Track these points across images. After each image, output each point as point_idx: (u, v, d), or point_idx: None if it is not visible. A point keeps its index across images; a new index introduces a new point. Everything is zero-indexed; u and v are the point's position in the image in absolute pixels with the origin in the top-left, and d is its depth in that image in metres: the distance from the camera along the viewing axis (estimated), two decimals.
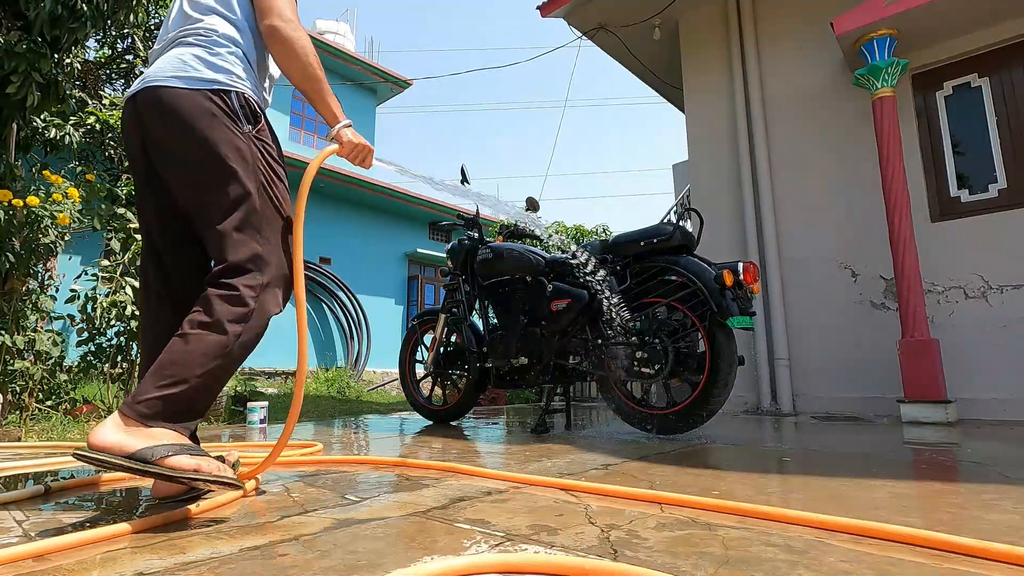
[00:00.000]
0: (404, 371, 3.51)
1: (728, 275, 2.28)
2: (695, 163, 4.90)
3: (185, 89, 1.31)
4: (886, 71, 3.50)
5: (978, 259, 3.50)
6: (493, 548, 0.96)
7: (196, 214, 1.35)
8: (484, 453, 2.13)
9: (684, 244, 2.50)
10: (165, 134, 1.33)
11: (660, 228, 2.54)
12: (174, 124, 1.30)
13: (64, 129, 4.27)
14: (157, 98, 1.31)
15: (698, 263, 2.40)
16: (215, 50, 1.38)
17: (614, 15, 5.14)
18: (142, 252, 1.48)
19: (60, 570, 0.87)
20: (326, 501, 1.33)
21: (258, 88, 1.47)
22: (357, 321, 10.14)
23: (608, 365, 2.60)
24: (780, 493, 1.40)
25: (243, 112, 1.37)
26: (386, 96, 13.46)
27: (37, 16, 2.86)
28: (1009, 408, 3.26)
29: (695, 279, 2.35)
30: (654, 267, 2.52)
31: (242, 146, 1.33)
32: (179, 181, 1.35)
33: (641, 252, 2.55)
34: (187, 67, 1.33)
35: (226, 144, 1.31)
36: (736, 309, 2.26)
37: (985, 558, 0.89)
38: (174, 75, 1.32)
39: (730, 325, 2.26)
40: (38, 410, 3.11)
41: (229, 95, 1.35)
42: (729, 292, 2.28)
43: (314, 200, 10.04)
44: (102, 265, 3.52)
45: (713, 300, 2.27)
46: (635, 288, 2.55)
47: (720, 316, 2.26)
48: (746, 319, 2.26)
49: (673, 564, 0.88)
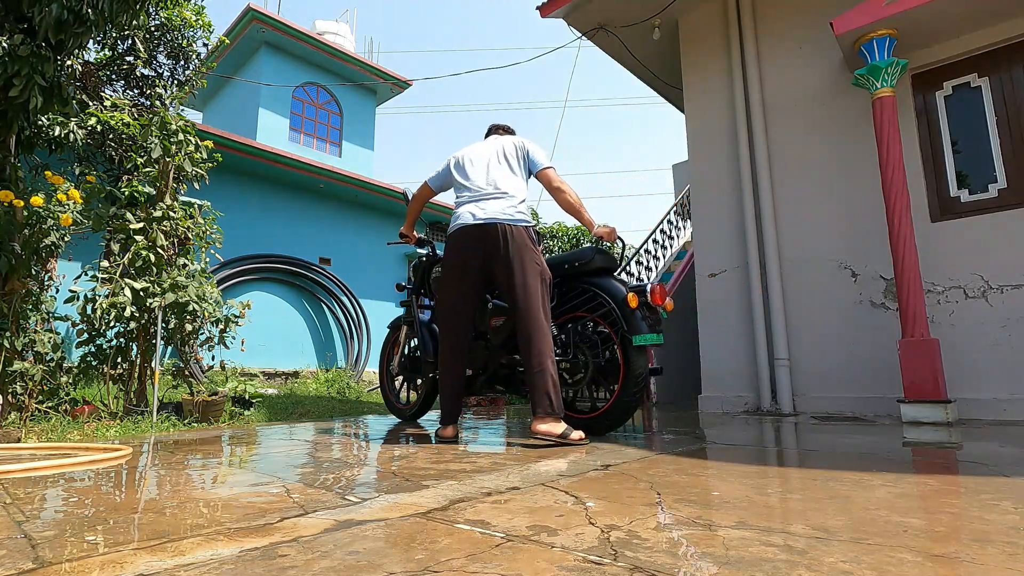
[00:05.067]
0: (382, 372, 3.84)
1: (633, 297, 2.49)
2: (695, 163, 4.90)
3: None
4: (886, 71, 3.50)
5: (978, 259, 3.50)
6: (493, 548, 0.96)
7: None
8: (485, 454, 2.13)
9: (605, 267, 2.71)
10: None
11: (582, 252, 2.74)
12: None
13: (68, 127, 4.27)
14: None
15: (614, 284, 2.61)
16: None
17: (614, 15, 5.14)
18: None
19: (61, 570, 0.87)
20: (326, 502, 1.33)
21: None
22: (357, 322, 10.12)
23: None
24: (780, 493, 1.40)
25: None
26: (386, 96, 13.45)
27: (42, 20, 2.85)
28: (1009, 408, 3.26)
29: (609, 300, 2.58)
30: (577, 287, 2.73)
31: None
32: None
33: (566, 274, 2.76)
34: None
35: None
36: (644, 328, 2.48)
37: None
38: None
39: (635, 342, 2.47)
40: (38, 411, 3.11)
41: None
42: (638, 312, 2.50)
43: (314, 200, 10.04)
44: (102, 266, 3.52)
45: (624, 319, 2.51)
46: (561, 306, 2.76)
47: (629, 334, 2.49)
48: (651, 336, 2.47)
49: (673, 564, 0.88)
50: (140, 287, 3.46)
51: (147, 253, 3.60)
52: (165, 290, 3.53)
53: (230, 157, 8.21)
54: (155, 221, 3.76)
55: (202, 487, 1.55)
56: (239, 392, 3.98)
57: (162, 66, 6.59)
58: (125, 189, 3.86)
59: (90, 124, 4.95)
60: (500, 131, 3.01)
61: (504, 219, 2.48)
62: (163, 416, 3.35)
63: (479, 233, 2.50)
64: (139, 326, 3.55)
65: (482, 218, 2.50)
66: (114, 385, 3.59)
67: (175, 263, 3.86)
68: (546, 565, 0.88)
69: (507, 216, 2.49)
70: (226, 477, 1.72)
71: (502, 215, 2.49)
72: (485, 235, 2.49)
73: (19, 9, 2.97)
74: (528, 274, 2.42)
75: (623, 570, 0.85)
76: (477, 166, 2.70)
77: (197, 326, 3.78)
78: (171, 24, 6.32)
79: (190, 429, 3.16)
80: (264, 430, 3.09)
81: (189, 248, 4.00)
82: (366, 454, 2.20)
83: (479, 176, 2.66)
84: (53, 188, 3.26)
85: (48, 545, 1.01)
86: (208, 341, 3.90)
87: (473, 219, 2.52)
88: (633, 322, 2.49)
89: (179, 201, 4.00)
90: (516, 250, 2.44)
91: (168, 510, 1.27)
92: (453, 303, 2.61)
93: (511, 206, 2.52)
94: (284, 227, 9.57)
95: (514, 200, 2.54)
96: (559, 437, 2.25)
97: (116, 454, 2.11)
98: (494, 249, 2.47)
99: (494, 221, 2.48)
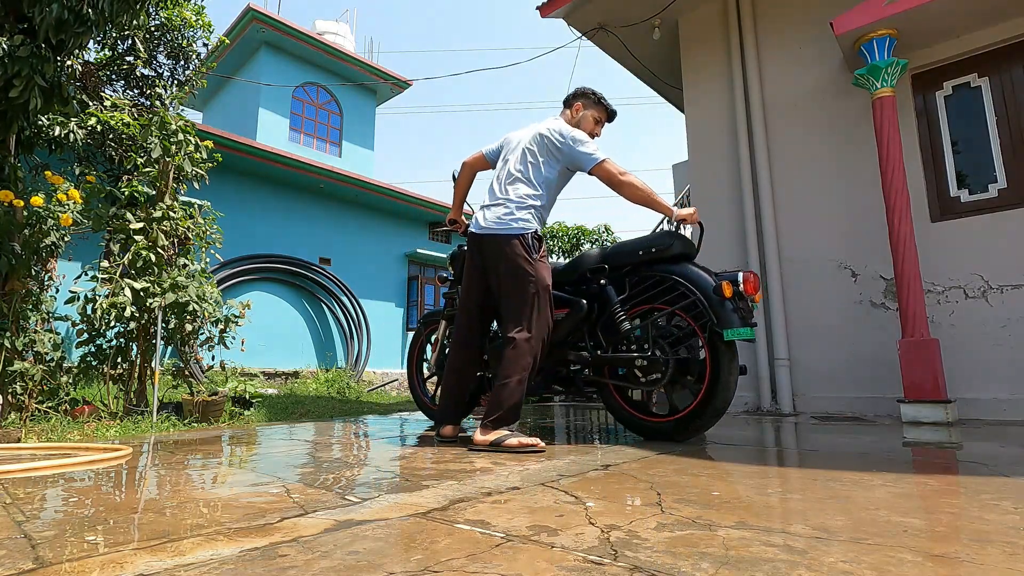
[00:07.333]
0: (411, 371, 3.61)
1: (727, 286, 2.24)
2: (695, 163, 4.90)
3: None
4: (886, 71, 3.50)
5: (978, 259, 3.50)
6: (493, 548, 0.96)
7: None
8: (485, 454, 2.13)
9: (684, 253, 2.47)
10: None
11: (659, 238, 2.52)
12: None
13: (68, 127, 4.27)
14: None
15: (698, 272, 2.37)
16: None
17: (614, 15, 5.14)
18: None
19: (61, 570, 0.87)
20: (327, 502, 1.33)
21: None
22: (357, 322, 10.13)
23: (608, 373, 2.60)
24: (780, 493, 1.40)
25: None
26: (386, 96, 13.46)
27: (43, 21, 2.85)
28: (1009, 408, 3.26)
29: (694, 290, 2.32)
30: (653, 276, 2.48)
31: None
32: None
33: (639, 262, 2.53)
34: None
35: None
36: (737, 320, 2.21)
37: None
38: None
39: (727, 337, 2.21)
40: (37, 411, 3.11)
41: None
42: (729, 303, 2.24)
43: (314, 200, 10.04)
44: (102, 266, 3.52)
45: (713, 311, 2.24)
46: (635, 297, 2.52)
47: (719, 327, 2.22)
48: (746, 330, 2.20)
49: (673, 564, 0.88)
50: (140, 287, 3.46)
51: (147, 253, 3.60)
52: (165, 290, 3.53)
53: (230, 157, 8.22)
54: (155, 221, 3.76)
55: (202, 487, 1.55)
56: (239, 392, 3.98)
57: (162, 66, 6.59)
58: (125, 189, 3.86)
59: (90, 124, 4.95)
60: (568, 101, 2.72)
61: (496, 230, 2.39)
62: (163, 416, 3.35)
63: (477, 242, 2.46)
64: (139, 326, 3.55)
65: (478, 228, 2.45)
66: (114, 385, 3.59)
67: (175, 263, 3.86)
68: (546, 565, 0.88)
69: (499, 227, 2.39)
70: (226, 477, 1.72)
71: (495, 225, 2.40)
72: (480, 245, 2.44)
73: (19, 9, 2.97)
74: (516, 287, 2.33)
75: (623, 570, 0.85)
76: (506, 158, 2.56)
77: (197, 326, 3.78)
78: (171, 24, 6.32)
79: (190, 429, 3.16)
80: (264, 430, 3.09)
81: (189, 248, 4.00)
82: (366, 454, 2.20)
83: (500, 171, 2.55)
84: (53, 188, 3.26)
85: (48, 545, 1.01)
86: (208, 341, 3.90)
87: (475, 226, 2.48)
88: (724, 314, 2.22)
89: (179, 201, 4.00)
90: (506, 262, 2.35)
91: (168, 510, 1.27)
92: (463, 300, 2.57)
93: (507, 213, 2.40)
94: (284, 227, 9.57)
95: (512, 207, 2.40)
96: (490, 445, 2.17)
97: (116, 454, 2.11)
98: (486, 260, 2.43)
99: (485, 232, 2.42)
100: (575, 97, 2.70)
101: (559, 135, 2.48)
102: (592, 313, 2.58)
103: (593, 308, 2.58)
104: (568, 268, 2.73)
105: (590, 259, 2.67)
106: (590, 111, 2.67)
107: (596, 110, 2.68)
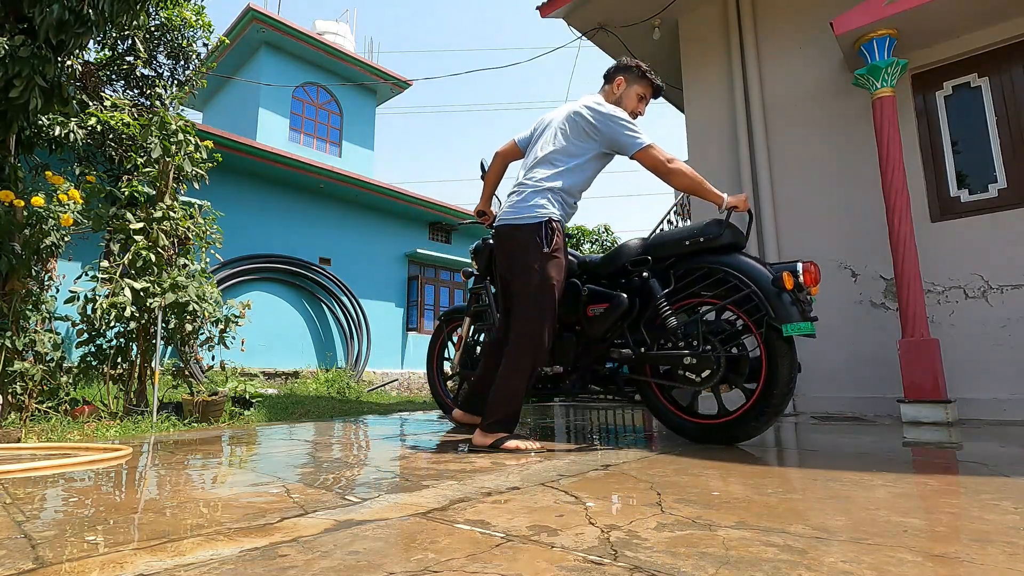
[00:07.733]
0: (431, 369, 3.50)
1: (788, 278, 2.07)
2: (695, 163, 4.89)
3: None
4: (886, 71, 3.50)
5: (978, 259, 3.50)
6: (493, 548, 0.96)
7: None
8: (485, 454, 2.13)
9: (733, 243, 2.29)
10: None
11: (707, 227, 2.31)
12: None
13: (68, 127, 4.27)
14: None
15: (751, 263, 2.20)
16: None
17: (614, 15, 5.14)
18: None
19: (61, 570, 0.88)
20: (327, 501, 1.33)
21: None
22: (357, 322, 10.13)
23: (651, 372, 2.47)
24: (780, 493, 1.40)
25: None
26: (386, 96, 13.47)
27: (43, 21, 2.85)
28: (1009, 408, 3.26)
29: (749, 282, 2.14)
30: (701, 268, 2.29)
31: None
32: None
33: (685, 252, 2.35)
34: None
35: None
36: (796, 315, 2.04)
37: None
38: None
39: (787, 332, 2.04)
40: (37, 411, 3.11)
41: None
42: (788, 296, 2.08)
43: (314, 200, 10.04)
44: (102, 267, 3.52)
45: (770, 304, 2.07)
46: (681, 291, 2.34)
47: (777, 322, 2.05)
48: (806, 325, 2.03)
49: (673, 564, 0.88)
50: (140, 287, 3.46)
51: (147, 253, 3.60)
52: (165, 290, 3.53)
53: (230, 157, 8.22)
54: (155, 221, 3.76)
55: (202, 487, 1.55)
56: (239, 392, 3.98)
57: (162, 66, 6.59)
58: (125, 189, 3.86)
59: (90, 124, 4.95)
60: (608, 75, 2.50)
61: (505, 219, 2.30)
62: (163, 416, 3.35)
63: (495, 233, 2.40)
64: (139, 326, 3.55)
65: (498, 220, 2.37)
66: (114, 385, 3.59)
67: (175, 263, 3.86)
68: (546, 565, 0.88)
69: (508, 215, 2.29)
70: (226, 477, 1.72)
71: (505, 213, 2.31)
72: (498, 237, 2.37)
73: (19, 9, 2.97)
74: (517, 282, 2.24)
75: (623, 570, 0.85)
76: (535, 141, 2.41)
77: (197, 326, 3.78)
78: (171, 24, 6.32)
79: (190, 429, 3.16)
80: (264, 430, 3.09)
81: (189, 248, 4.00)
82: (366, 454, 2.20)
83: (527, 157, 2.42)
84: (53, 188, 3.26)
85: (48, 545, 1.01)
86: (208, 341, 3.90)
87: (498, 216, 2.40)
88: (782, 308, 2.05)
89: (179, 201, 4.00)
90: (510, 254, 2.27)
91: (168, 510, 1.27)
92: (497, 296, 2.52)
93: (520, 200, 2.27)
94: (284, 227, 9.57)
95: (527, 191, 2.27)
96: (490, 447, 2.16)
97: (116, 454, 2.11)
98: (498, 251, 2.37)
99: (498, 223, 2.36)
100: (617, 71, 2.48)
101: (597, 113, 2.28)
102: (634, 308, 2.41)
103: (635, 303, 2.41)
104: (606, 260, 2.58)
105: (631, 250, 2.50)
106: (634, 86, 2.45)
107: (640, 85, 2.46)
